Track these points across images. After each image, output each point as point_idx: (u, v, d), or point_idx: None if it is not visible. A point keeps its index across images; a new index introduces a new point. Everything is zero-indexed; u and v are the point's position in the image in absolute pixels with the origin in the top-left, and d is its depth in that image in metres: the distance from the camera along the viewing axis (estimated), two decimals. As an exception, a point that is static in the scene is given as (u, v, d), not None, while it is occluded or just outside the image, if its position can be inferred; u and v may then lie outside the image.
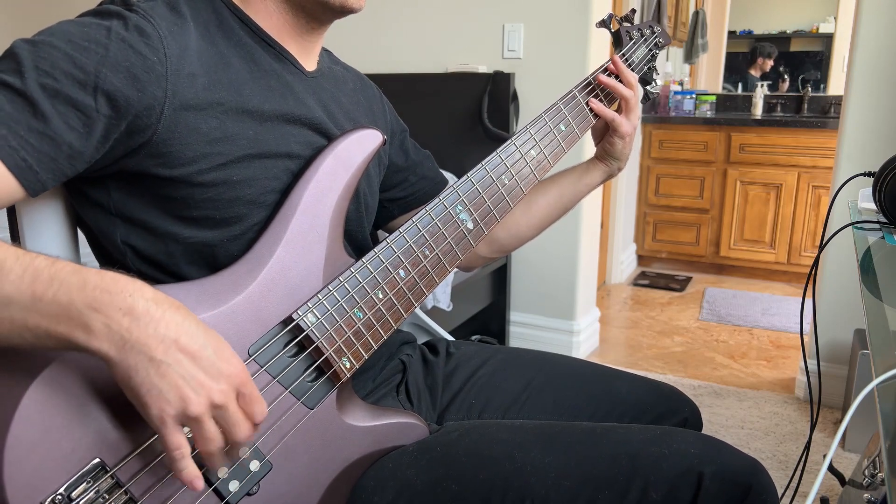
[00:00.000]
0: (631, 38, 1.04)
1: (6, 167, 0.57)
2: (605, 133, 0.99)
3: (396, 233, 0.76)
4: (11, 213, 0.73)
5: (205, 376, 0.54)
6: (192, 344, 0.54)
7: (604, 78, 0.95)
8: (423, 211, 0.78)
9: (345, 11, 0.77)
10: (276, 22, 0.76)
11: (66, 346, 0.53)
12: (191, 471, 0.55)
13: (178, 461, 0.54)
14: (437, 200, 0.79)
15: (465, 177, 0.81)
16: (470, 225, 0.81)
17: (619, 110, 0.96)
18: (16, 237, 0.73)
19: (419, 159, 1.00)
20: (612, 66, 0.96)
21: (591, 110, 0.94)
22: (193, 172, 0.67)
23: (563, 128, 0.92)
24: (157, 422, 0.53)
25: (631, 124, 0.96)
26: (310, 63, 0.82)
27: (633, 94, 0.96)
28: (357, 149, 0.76)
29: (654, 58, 1.10)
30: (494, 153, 0.84)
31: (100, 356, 0.53)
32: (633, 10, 1.07)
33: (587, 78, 0.95)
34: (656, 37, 1.10)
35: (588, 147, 2.25)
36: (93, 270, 0.54)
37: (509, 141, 0.86)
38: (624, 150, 0.98)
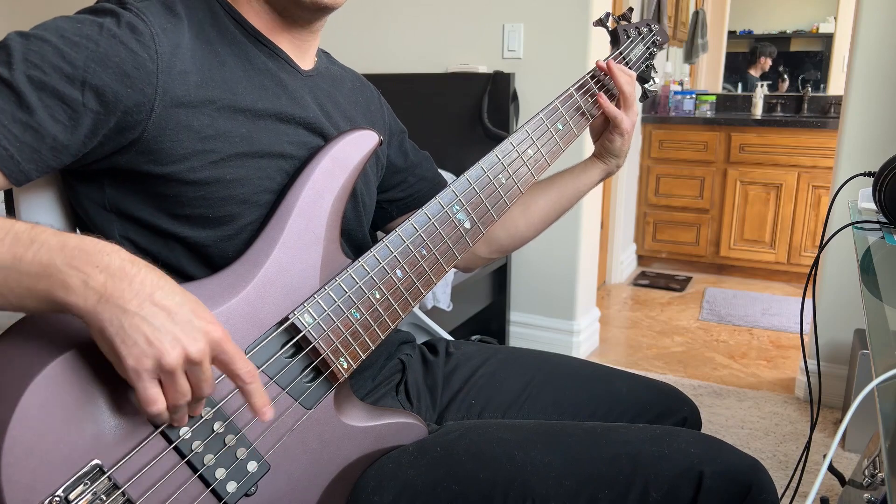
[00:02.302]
0: (628, 37, 1.04)
1: None
2: (603, 131, 0.99)
3: (393, 233, 0.76)
4: (10, 207, 0.73)
5: (180, 331, 0.54)
6: (167, 300, 0.54)
7: (613, 65, 0.94)
8: (420, 211, 0.78)
9: (319, 9, 0.75)
10: (265, 21, 0.76)
11: (46, 303, 0.54)
12: (165, 418, 0.57)
13: (154, 417, 0.56)
14: (433, 200, 0.79)
15: (461, 176, 0.81)
16: (467, 224, 0.81)
17: (617, 106, 0.96)
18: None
19: (418, 160, 1.00)
20: (601, 67, 0.96)
21: (590, 108, 0.94)
22: (185, 170, 0.67)
23: (560, 126, 0.91)
24: (133, 374, 0.53)
25: (630, 120, 0.96)
26: (306, 62, 0.81)
27: (632, 89, 0.96)
28: (354, 149, 0.76)
29: (651, 56, 1.09)
30: (491, 152, 0.84)
31: (77, 312, 0.53)
32: (631, 9, 1.07)
33: (583, 77, 0.95)
34: (654, 35, 1.10)
35: (588, 146, 2.24)
36: (72, 234, 0.55)
37: (506, 140, 0.86)
38: (623, 146, 0.98)
